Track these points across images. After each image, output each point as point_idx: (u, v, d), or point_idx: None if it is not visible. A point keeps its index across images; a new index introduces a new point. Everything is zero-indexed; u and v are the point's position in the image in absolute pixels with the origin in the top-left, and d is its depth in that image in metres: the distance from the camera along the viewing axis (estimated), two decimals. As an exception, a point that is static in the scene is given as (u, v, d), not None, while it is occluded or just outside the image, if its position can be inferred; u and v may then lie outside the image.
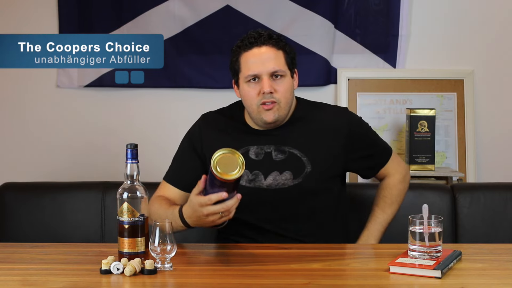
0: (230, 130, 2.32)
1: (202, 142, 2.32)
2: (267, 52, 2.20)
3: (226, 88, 3.39)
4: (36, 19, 3.42)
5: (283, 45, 2.24)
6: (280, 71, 2.20)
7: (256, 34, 2.22)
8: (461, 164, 3.32)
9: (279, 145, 2.25)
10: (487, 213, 2.70)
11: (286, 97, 2.21)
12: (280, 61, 2.21)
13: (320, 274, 1.84)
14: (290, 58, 2.25)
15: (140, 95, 3.44)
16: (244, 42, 2.22)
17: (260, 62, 2.19)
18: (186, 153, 2.36)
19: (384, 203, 2.37)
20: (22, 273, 1.86)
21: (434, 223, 1.89)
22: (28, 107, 3.45)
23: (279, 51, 2.22)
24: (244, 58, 2.22)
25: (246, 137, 2.29)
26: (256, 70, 2.19)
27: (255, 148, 2.26)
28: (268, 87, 2.17)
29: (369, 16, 3.36)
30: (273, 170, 2.23)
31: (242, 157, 1.88)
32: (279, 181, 2.22)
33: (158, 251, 1.85)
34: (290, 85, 2.24)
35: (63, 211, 2.77)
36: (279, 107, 2.20)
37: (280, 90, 2.20)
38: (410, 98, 3.37)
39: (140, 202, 1.88)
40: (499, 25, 3.36)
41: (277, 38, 2.24)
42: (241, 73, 2.24)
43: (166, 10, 3.36)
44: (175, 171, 2.37)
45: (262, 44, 2.20)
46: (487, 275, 1.83)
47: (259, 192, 2.23)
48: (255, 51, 2.20)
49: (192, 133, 2.38)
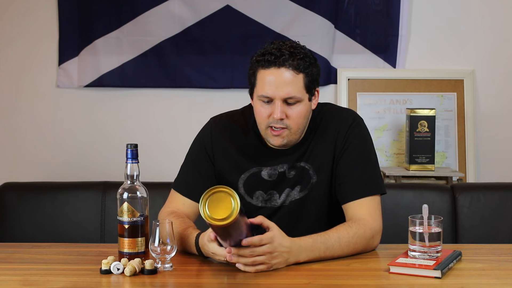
0: (243, 145, 2.17)
1: (213, 149, 2.19)
2: (284, 75, 2.02)
3: (226, 88, 3.40)
4: (36, 19, 3.42)
5: (305, 66, 2.04)
6: (295, 97, 2.03)
7: (278, 51, 2.02)
8: (461, 164, 3.32)
9: (292, 163, 2.14)
10: (487, 213, 2.70)
11: (299, 123, 2.06)
12: (298, 86, 2.03)
13: (320, 274, 1.84)
14: (311, 81, 2.06)
15: (140, 95, 3.44)
16: (264, 58, 2.04)
17: (275, 85, 2.02)
18: (198, 159, 2.19)
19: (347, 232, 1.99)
20: (22, 273, 1.85)
21: (434, 223, 1.89)
22: (28, 107, 3.45)
23: (299, 74, 2.03)
24: (260, 75, 2.05)
25: (260, 157, 2.15)
26: (270, 93, 2.03)
27: (268, 169, 2.15)
28: (280, 113, 2.02)
29: (369, 16, 3.37)
30: (286, 187, 2.14)
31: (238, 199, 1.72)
32: (291, 197, 2.14)
33: (158, 251, 1.85)
34: (305, 110, 2.07)
35: (63, 211, 2.77)
36: (289, 133, 2.07)
37: (292, 116, 2.04)
38: (410, 98, 3.37)
39: (140, 202, 1.88)
40: (499, 25, 3.37)
41: (301, 58, 2.04)
42: (256, 89, 2.07)
43: (166, 10, 3.36)
44: (187, 180, 2.19)
45: (281, 65, 2.02)
46: (487, 275, 1.83)
47: (273, 210, 2.15)
48: (272, 72, 2.02)
49: (203, 136, 2.23)
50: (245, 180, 2.16)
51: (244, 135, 2.19)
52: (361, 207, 2.06)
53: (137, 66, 3.40)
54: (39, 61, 3.44)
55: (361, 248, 2.01)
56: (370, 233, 2.02)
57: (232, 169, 2.17)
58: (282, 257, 1.86)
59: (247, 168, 2.16)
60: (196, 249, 1.96)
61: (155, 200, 2.32)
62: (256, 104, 2.09)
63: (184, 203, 2.16)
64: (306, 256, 1.91)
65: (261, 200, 2.16)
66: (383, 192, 2.13)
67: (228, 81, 3.40)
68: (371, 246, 2.04)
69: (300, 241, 1.91)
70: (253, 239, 1.81)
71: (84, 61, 3.41)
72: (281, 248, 1.85)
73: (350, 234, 1.98)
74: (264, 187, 2.15)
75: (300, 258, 1.90)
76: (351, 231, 1.98)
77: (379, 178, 2.13)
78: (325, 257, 1.94)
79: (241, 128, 2.20)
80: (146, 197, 1.90)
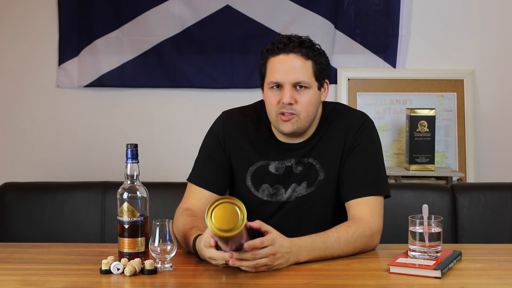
0: (253, 138, 2.20)
1: (225, 140, 2.21)
2: (293, 61, 2.08)
3: (226, 88, 3.40)
4: (36, 19, 3.42)
5: (314, 54, 2.10)
6: (304, 82, 2.08)
7: (287, 39, 2.10)
8: (461, 164, 3.32)
9: (300, 158, 2.17)
10: (487, 213, 2.70)
11: (308, 109, 2.09)
12: (307, 72, 2.08)
13: (320, 274, 1.84)
14: (320, 69, 2.11)
15: (140, 95, 3.44)
16: (273, 46, 2.10)
17: (285, 70, 2.07)
18: (213, 150, 2.22)
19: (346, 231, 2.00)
20: (22, 273, 1.85)
21: (434, 223, 1.89)
22: (28, 107, 3.45)
23: (307, 61, 2.08)
24: (270, 63, 2.10)
25: (269, 150, 2.18)
26: (279, 78, 2.08)
27: (276, 163, 2.17)
28: (289, 98, 2.06)
29: (369, 16, 3.37)
30: (292, 182, 2.17)
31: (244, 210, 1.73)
32: (298, 192, 2.16)
33: (158, 251, 1.85)
34: (314, 98, 2.11)
35: (63, 211, 2.77)
36: (298, 119, 2.09)
37: (301, 102, 2.08)
38: (410, 98, 3.37)
39: (140, 202, 1.88)
40: (499, 25, 3.37)
41: (309, 46, 2.10)
42: (266, 78, 2.12)
43: (166, 10, 3.36)
44: (203, 171, 2.21)
45: (290, 51, 2.08)
46: (487, 275, 1.83)
47: (279, 205, 2.17)
48: (282, 58, 2.08)
49: (215, 129, 2.25)
50: (253, 173, 2.19)
51: (254, 128, 2.22)
52: (363, 206, 2.07)
53: (137, 66, 3.40)
54: (39, 61, 3.44)
55: (361, 247, 2.01)
56: (370, 232, 2.02)
57: (241, 161, 2.20)
58: (284, 258, 1.86)
59: (255, 160, 2.19)
60: (193, 252, 1.96)
61: (155, 200, 2.33)
62: (267, 93, 2.13)
63: (201, 197, 2.17)
64: (306, 256, 1.91)
65: (267, 194, 2.18)
66: (387, 195, 2.14)
67: (228, 81, 3.40)
68: (371, 245, 2.04)
69: (299, 241, 1.91)
70: (254, 242, 1.81)
71: (84, 61, 3.41)
72: (282, 249, 1.85)
73: (349, 233, 1.98)
74: (270, 180, 2.17)
75: (300, 258, 1.90)
76: (350, 230, 1.99)
77: (385, 180, 2.15)
78: (325, 256, 1.94)
79: (252, 122, 2.23)
80: (146, 197, 1.90)
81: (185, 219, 2.06)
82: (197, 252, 1.94)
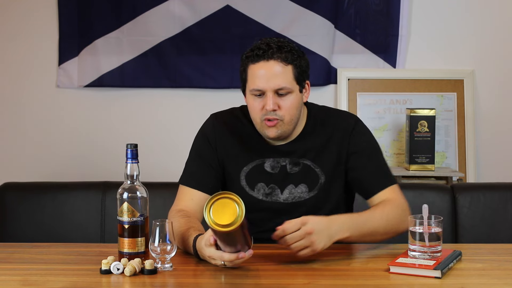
0: (245, 138, 2.22)
1: (215, 140, 2.22)
2: (274, 67, 2.07)
3: (226, 88, 3.40)
4: (36, 19, 3.42)
5: (293, 58, 2.10)
6: (286, 88, 2.09)
7: (266, 46, 2.09)
8: (461, 164, 3.32)
9: (293, 158, 2.18)
10: (487, 213, 2.70)
11: (291, 113, 2.11)
12: (287, 77, 2.09)
13: (320, 274, 1.84)
14: (300, 72, 2.12)
15: (140, 95, 3.44)
16: (252, 53, 2.10)
17: (266, 77, 2.07)
18: (203, 151, 2.23)
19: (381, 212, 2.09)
20: (22, 273, 1.85)
21: (434, 223, 1.89)
22: (28, 107, 3.45)
23: (287, 66, 2.09)
24: (251, 71, 2.11)
25: (262, 150, 2.20)
26: (260, 86, 2.08)
27: (271, 161, 2.19)
28: (272, 104, 2.08)
29: (369, 16, 3.37)
30: (288, 184, 2.18)
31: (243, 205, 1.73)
32: (295, 195, 2.17)
33: (158, 251, 1.85)
34: (297, 101, 2.12)
35: (63, 211, 2.77)
36: (282, 123, 2.11)
37: (284, 107, 2.09)
38: (410, 98, 3.37)
39: (140, 202, 1.88)
40: (499, 25, 3.37)
41: (289, 50, 2.10)
42: (247, 85, 2.13)
43: (166, 10, 3.37)
44: (195, 172, 2.21)
45: (270, 58, 2.08)
46: (487, 275, 1.83)
47: (276, 206, 2.18)
48: (262, 65, 2.08)
49: (205, 130, 2.26)
50: (247, 172, 2.19)
51: (245, 128, 2.23)
52: (385, 194, 2.15)
53: (137, 66, 3.40)
54: (39, 61, 3.44)
55: (396, 220, 2.06)
56: (401, 207, 2.11)
57: (235, 160, 2.20)
58: (323, 235, 1.88)
59: (250, 160, 2.19)
60: (193, 252, 1.96)
61: (155, 200, 2.32)
62: (249, 99, 2.14)
63: (193, 198, 2.18)
64: (348, 230, 1.95)
65: (262, 193, 2.18)
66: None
67: (228, 81, 3.40)
68: (404, 219, 2.02)
69: (337, 217, 1.97)
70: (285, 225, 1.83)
71: (84, 61, 3.41)
72: (318, 226, 1.86)
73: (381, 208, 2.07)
74: (266, 179, 2.18)
75: (342, 234, 1.94)
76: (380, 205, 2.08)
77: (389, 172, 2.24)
78: (367, 230, 2.00)
79: (242, 122, 2.24)
80: (146, 197, 1.90)
81: (180, 220, 2.06)
82: (197, 252, 1.94)
